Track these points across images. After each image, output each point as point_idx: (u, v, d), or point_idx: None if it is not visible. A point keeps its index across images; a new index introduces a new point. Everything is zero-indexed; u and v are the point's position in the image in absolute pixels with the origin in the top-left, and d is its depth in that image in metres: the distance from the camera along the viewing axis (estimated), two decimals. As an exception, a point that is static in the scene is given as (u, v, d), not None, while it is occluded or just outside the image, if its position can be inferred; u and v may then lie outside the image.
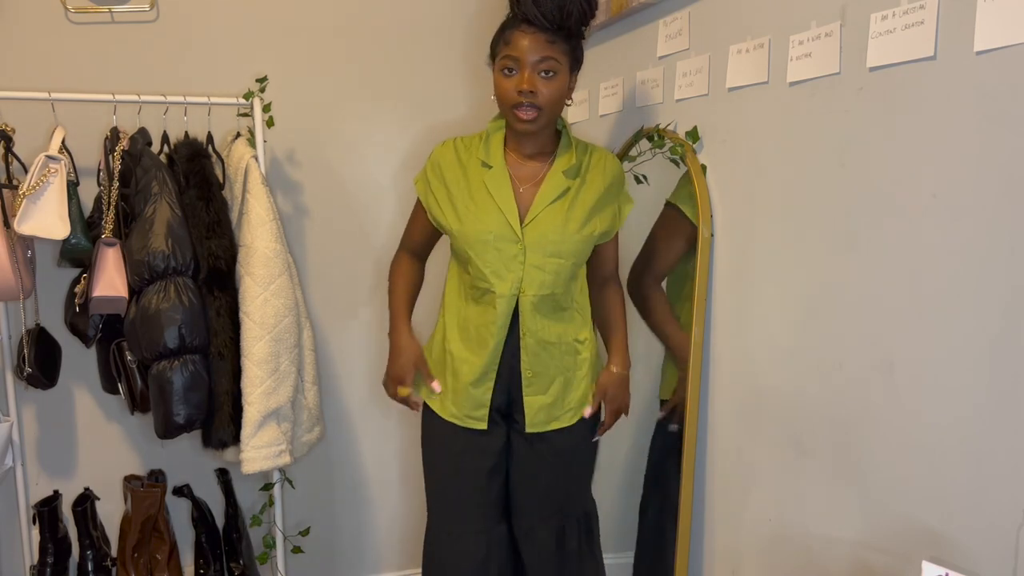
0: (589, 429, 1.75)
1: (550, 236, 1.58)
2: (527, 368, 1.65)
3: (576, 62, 1.57)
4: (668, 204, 1.77)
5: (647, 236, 1.85)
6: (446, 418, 1.71)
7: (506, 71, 1.53)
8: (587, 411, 1.71)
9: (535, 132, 1.58)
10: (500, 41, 1.56)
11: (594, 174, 1.64)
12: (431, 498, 1.80)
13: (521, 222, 1.60)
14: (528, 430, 1.68)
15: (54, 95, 1.95)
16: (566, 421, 1.70)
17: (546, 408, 1.67)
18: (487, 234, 1.59)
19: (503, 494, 1.76)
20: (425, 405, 1.78)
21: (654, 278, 1.82)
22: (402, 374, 1.73)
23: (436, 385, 1.71)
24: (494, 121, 1.67)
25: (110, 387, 2.13)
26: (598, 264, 1.74)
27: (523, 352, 1.64)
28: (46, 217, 1.82)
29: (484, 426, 1.68)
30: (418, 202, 1.75)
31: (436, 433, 1.75)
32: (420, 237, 1.78)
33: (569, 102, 1.60)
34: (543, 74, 1.51)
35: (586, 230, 1.61)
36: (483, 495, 1.73)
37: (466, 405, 1.68)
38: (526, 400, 1.67)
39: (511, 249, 1.59)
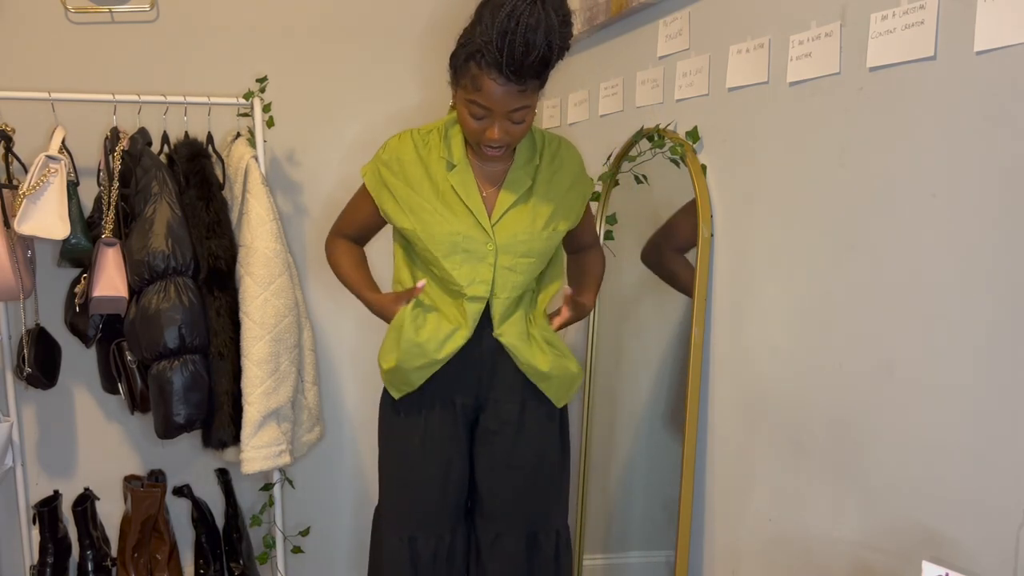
0: (554, 420, 1.70)
1: (520, 236, 1.55)
2: (526, 364, 1.61)
3: (544, 85, 1.49)
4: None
5: (670, 216, 1.81)
6: (385, 367, 1.64)
7: (475, 116, 1.45)
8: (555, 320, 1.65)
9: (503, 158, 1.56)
10: (466, 75, 1.43)
11: (555, 167, 1.61)
12: (383, 491, 1.73)
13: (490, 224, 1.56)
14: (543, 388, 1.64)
15: (54, 95, 1.95)
16: (574, 367, 1.66)
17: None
18: (456, 235, 1.53)
19: (458, 500, 1.70)
20: (385, 393, 1.71)
21: (674, 249, 1.79)
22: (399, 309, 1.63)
23: (421, 284, 1.57)
24: (452, 113, 1.58)
25: (110, 387, 2.13)
26: (573, 240, 1.71)
27: (511, 350, 1.60)
28: (46, 217, 1.82)
29: (396, 396, 1.64)
30: (363, 192, 1.66)
31: (396, 426, 1.68)
32: (363, 225, 1.71)
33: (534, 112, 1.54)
34: (514, 122, 1.46)
35: (551, 225, 1.58)
36: (439, 497, 1.67)
37: (400, 373, 1.60)
38: (542, 370, 1.61)
39: (481, 250, 1.55)
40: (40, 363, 2.00)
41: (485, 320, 1.60)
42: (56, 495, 2.21)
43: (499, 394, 1.64)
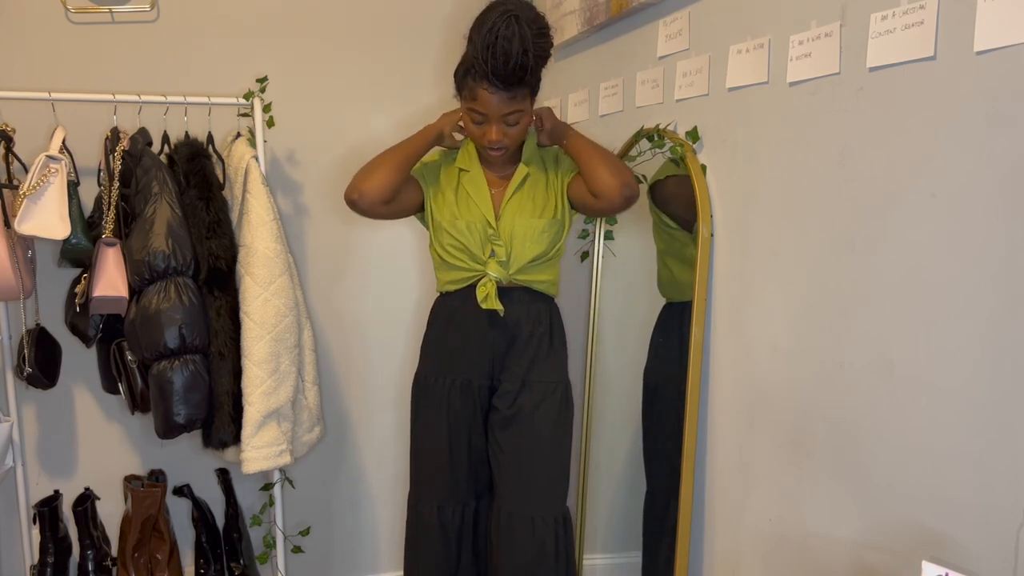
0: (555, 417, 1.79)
1: (518, 221, 1.74)
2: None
3: (535, 92, 1.71)
4: (652, 186, 1.83)
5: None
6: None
7: (475, 122, 1.69)
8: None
9: (505, 159, 1.77)
10: (465, 88, 1.67)
11: (551, 167, 1.82)
12: (413, 466, 1.92)
13: (496, 216, 1.76)
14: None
15: (54, 95, 1.95)
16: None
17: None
18: (467, 228, 1.74)
19: (480, 472, 1.86)
20: (415, 379, 1.88)
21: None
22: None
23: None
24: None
25: (110, 387, 2.13)
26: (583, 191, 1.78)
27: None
28: (46, 217, 1.82)
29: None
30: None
31: (422, 407, 1.86)
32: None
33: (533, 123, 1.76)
34: (508, 124, 1.67)
35: (547, 212, 1.76)
36: (453, 469, 1.82)
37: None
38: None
39: (488, 237, 1.74)
40: (40, 363, 2.00)
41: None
42: (56, 495, 2.21)
43: (506, 377, 1.79)
